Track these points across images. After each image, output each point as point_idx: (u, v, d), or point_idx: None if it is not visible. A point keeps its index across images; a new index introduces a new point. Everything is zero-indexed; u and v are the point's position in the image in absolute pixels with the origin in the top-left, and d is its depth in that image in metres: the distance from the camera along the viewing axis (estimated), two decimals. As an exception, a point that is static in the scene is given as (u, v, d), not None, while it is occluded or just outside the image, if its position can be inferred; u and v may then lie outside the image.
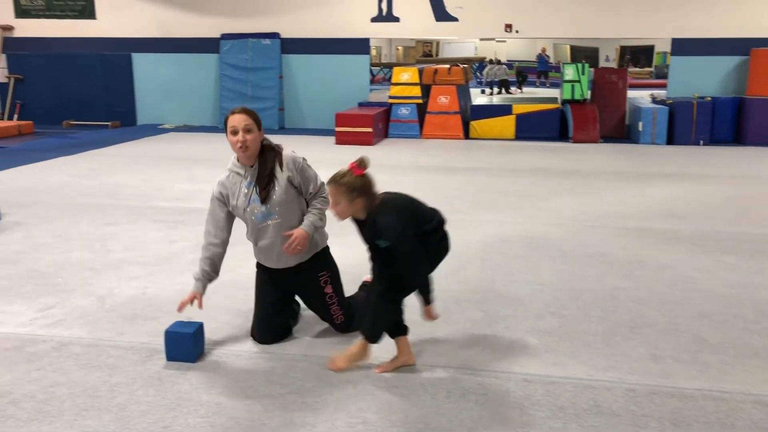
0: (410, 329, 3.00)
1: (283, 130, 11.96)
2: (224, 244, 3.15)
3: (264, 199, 3.04)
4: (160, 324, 3.40)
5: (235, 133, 2.99)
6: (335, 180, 2.74)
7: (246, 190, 3.06)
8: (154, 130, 11.86)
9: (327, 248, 3.30)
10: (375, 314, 2.88)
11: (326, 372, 2.90)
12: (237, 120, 2.99)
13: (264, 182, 3.05)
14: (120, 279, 4.12)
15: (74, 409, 2.60)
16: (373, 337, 2.89)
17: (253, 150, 3.04)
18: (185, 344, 2.98)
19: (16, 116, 12.61)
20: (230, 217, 3.17)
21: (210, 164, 8.27)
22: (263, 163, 3.07)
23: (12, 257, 4.54)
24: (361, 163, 2.73)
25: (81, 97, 12.74)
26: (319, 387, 2.77)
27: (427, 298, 2.81)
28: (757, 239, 5.03)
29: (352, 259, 4.31)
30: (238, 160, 3.11)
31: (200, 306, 3.08)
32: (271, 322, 3.22)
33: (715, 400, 2.68)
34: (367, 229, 2.83)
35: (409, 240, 2.72)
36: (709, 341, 3.23)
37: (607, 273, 4.24)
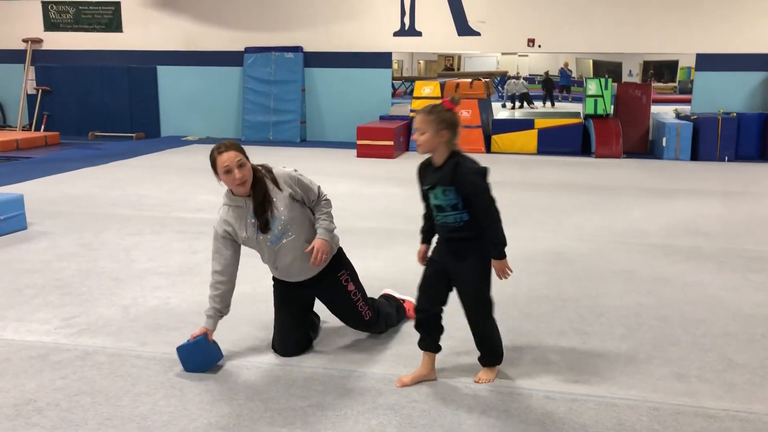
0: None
1: (304, 142, 12.03)
2: (233, 279, 3.10)
3: (263, 226, 3.00)
4: (183, 334, 3.42)
5: (229, 171, 2.93)
6: (425, 110, 2.81)
7: (253, 220, 3.02)
8: (177, 141, 11.99)
9: (341, 249, 3.30)
10: (493, 338, 2.96)
11: (347, 385, 2.90)
12: (227, 158, 2.92)
13: (260, 211, 3.00)
14: (144, 289, 4.16)
15: (97, 418, 2.63)
16: (501, 358, 3.02)
17: (249, 181, 2.99)
18: (194, 354, 3.02)
19: (43, 127, 12.84)
20: (237, 253, 3.10)
21: (232, 176, 8.33)
22: (255, 193, 3.01)
23: (38, 266, 4.61)
24: (453, 99, 2.80)
25: (106, 109, 12.94)
26: (340, 400, 2.77)
27: (502, 252, 2.80)
28: (784, 257, 4.95)
29: (373, 271, 4.31)
30: (232, 193, 3.05)
31: (211, 343, 3.08)
32: (293, 334, 3.22)
33: (741, 420, 2.63)
34: (440, 173, 2.79)
35: (490, 189, 2.78)
36: (735, 361, 3.18)
37: (631, 290, 4.20)
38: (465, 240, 2.84)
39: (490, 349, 2.97)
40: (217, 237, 3.07)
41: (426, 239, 3.04)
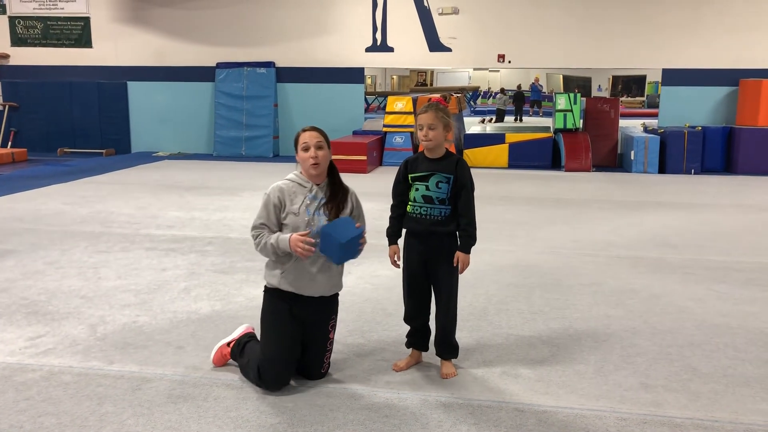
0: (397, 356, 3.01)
1: (277, 157, 12.01)
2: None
3: (332, 216, 2.98)
4: (151, 353, 3.39)
5: (306, 149, 3.00)
6: (434, 107, 3.05)
7: (309, 202, 2.99)
8: (148, 157, 11.89)
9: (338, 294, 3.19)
10: (454, 331, 3.20)
11: (317, 401, 2.89)
12: (309, 137, 3.02)
13: (339, 201, 3.03)
14: (112, 307, 4.10)
15: (62, 439, 2.58)
16: (458, 352, 3.24)
17: (323, 167, 3.02)
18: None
19: (10, 143, 12.64)
20: (280, 226, 3.03)
21: (204, 192, 8.29)
22: (336, 184, 3.07)
23: (3, 285, 4.52)
24: (446, 97, 3.00)
25: (76, 125, 12.79)
26: (310, 416, 2.76)
27: (471, 247, 3.08)
28: (748, 268, 5.06)
29: (347, 287, 4.33)
30: (301, 173, 3.07)
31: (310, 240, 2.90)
32: (292, 363, 3.01)
33: (706, 429, 2.68)
34: (442, 163, 3.06)
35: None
36: (700, 370, 3.24)
37: (599, 302, 4.26)
38: (446, 235, 3.08)
39: (451, 341, 3.19)
40: (267, 203, 3.01)
41: (394, 240, 3.22)
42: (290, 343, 2.99)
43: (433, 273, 3.13)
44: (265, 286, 3.09)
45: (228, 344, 3.24)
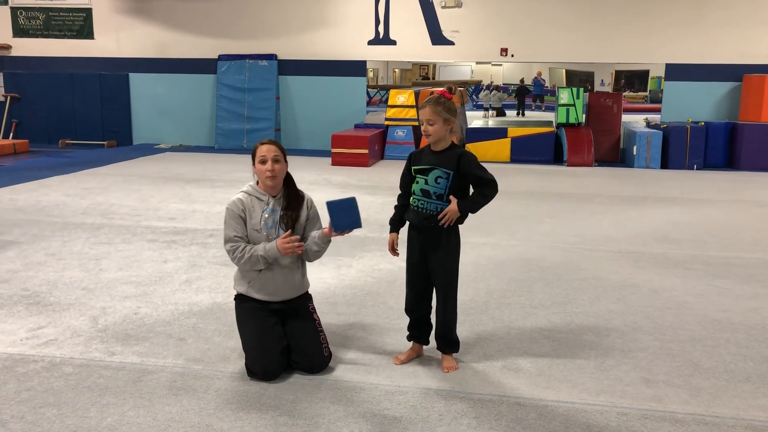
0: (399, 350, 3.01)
1: (279, 150, 11.98)
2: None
3: (288, 227, 3.09)
4: (152, 345, 3.39)
5: (264, 162, 3.07)
6: (433, 101, 3.00)
7: (267, 216, 3.10)
8: (149, 149, 11.88)
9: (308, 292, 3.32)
10: (454, 325, 3.18)
11: (318, 394, 2.89)
12: (266, 150, 3.09)
13: (293, 210, 3.13)
14: (113, 298, 4.10)
15: (64, 430, 2.58)
16: (458, 346, 3.22)
17: (279, 180, 3.13)
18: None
19: (11, 135, 12.63)
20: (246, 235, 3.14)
21: (205, 184, 8.28)
22: (292, 195, 3.16)
23: (5, 276, 4.53)
24: (451, 89, 2.99)
25: (77, 117, 12.78)
26: (311, 409, 2.76)
27: (467, 212, 3.06)
28: (749, 264, 5.05)
29: (347, 280, 4.32)
30: (257, 184, 3.17)
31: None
32: (275, 349, 3.02)
33: (707, 424, 2.68)
34: (444, 157, 3.03)
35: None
36: (701, 365, 3.23)
37: (601, 296, 4.25)
38: (441, 229, 3.05)
39: (450, 335, 3.18)
40: (232, 216, 3.11)
41: (396, 228, 3.23)
42: (269, 330, 3.06)
43: (431, 266, 3.14)
44: (235, 295, 3.23)
45: None
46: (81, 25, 12.67)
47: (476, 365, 3.20)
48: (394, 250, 3.21)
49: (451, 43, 11.73)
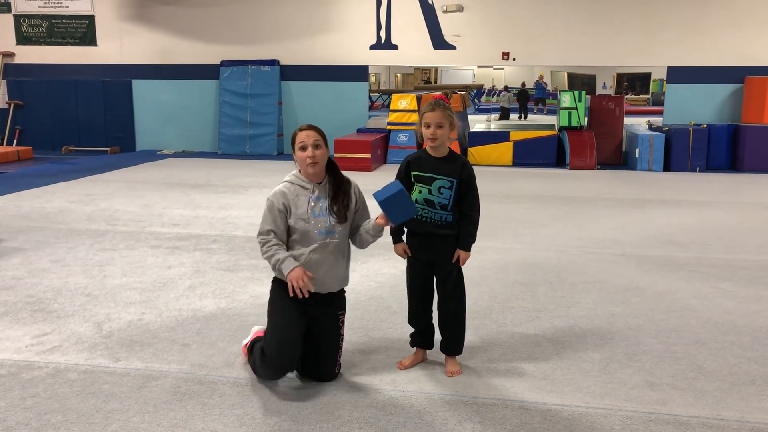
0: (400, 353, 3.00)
1: (281, 155, 12.02)
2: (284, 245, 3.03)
3: (340, 216, 2.98)
4: (156, 350, 3.40)
5: (303, 148, 2.96)
6: (440, 104, 3.03)
7: (313, 204, 2.98)
8: (153, 155, 11.91)
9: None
10: (463, 326, 3.19)
11: (322, 399, 2.89)
12: (306, 136, 2.97)
13: (342, 200, 3.01)
14: (117, 305, 4.11)
15: (69, 436, 2.59)
16: (462, 348, 3.22)
17: (321, 166, 3.00)
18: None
19: (15, 142, 12.68)
20: (286, 233, 3.02)
21: (209, 190, 8.30)
22: (337, 182, 3.04)
23: (9, 283, 4.54)
24: (447, 95, 2.98)
25: (81, 123, 12.83)
26: (315, 414, 2.76)
27: (471, 245, 3.13)
28: (754, 266, 5.05)
29: (350, 285, 4.32)
30: (300, 172, 3.06)
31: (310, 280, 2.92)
32: (296, 344, 2.95)
33: (711, 427, 2.67)
34: (447, 165, 3.05)
35: None
36: (705, 368, 3.23)
37: (604, 300, 4.25)
38: (445, 238, 3.09)
39: (458, 337, 3.19)
40: (272, 208, 2.98)
41: (400, 238, 3.20)
42: (295, 321, 2.95)
43: (437, 274, 3.14)
44: (273, 278, 3.09)
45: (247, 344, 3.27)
46: (84, 32, 12.72)
47: (480, 369, 3.20)
48: (406, 253, 3.18)
49: (453, 47, 11.75)
